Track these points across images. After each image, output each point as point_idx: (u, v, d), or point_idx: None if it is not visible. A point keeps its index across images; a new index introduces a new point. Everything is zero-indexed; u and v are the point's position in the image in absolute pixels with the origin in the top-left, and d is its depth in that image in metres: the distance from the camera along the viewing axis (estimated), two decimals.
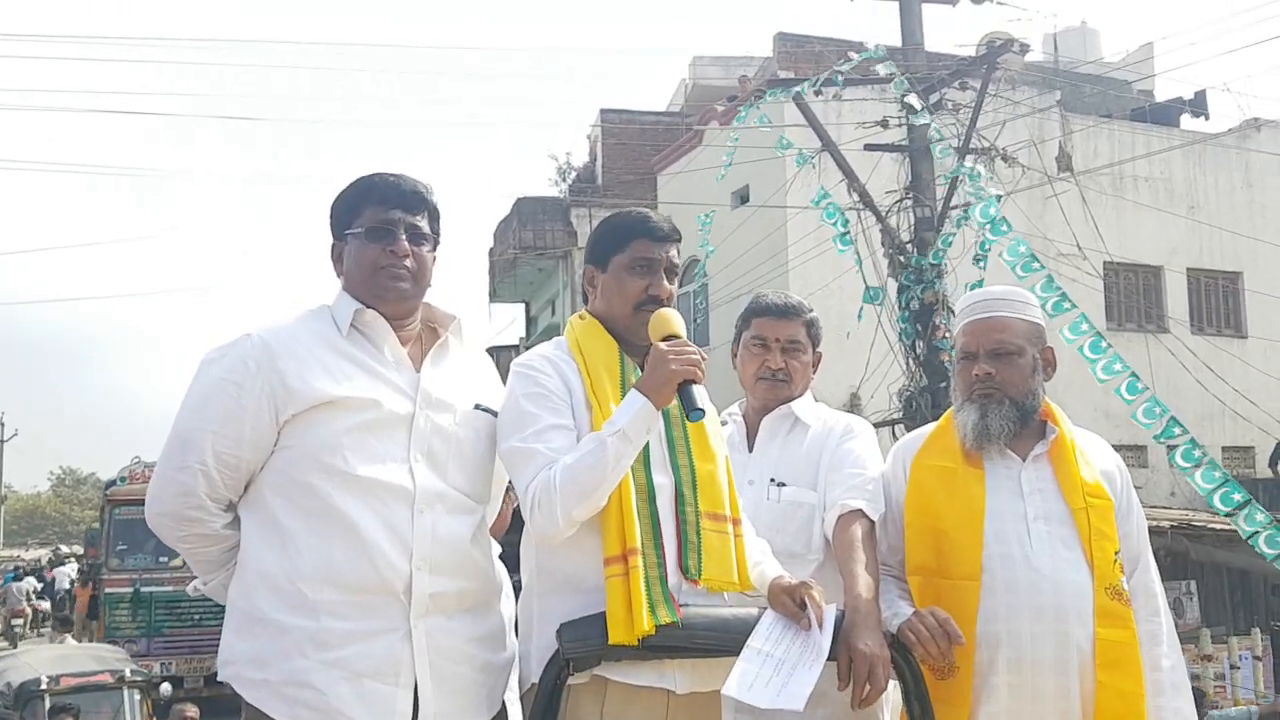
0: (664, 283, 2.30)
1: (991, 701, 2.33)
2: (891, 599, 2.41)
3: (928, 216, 10.36)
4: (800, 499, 2.61)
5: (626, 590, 2.06)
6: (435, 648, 2.12)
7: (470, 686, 2.19)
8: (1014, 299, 2.60)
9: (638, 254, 2.31)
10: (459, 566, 2.17)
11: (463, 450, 2.24)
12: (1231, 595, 10.25)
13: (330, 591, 2.07)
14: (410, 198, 2.26)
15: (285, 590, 2.08)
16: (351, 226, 2.25)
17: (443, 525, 2.16)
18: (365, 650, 2.07)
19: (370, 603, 2.08)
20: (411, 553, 2.11)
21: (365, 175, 2.30)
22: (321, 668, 2.05)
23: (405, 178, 2.29)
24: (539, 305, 23.96)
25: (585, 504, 2.08)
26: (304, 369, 2.14)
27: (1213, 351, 14.08)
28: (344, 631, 2.06)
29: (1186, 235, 16.37)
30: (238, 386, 2.13)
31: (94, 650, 10.94)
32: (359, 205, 2.25)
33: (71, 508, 56.65)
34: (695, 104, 19.43)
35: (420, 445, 2.18)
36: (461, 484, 2.22)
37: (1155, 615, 2.49)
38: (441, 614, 2.14)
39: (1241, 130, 17.08)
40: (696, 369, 2.12)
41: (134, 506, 13.91)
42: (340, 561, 2.07)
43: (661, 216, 2.38)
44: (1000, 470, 2.48)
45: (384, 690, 2.07)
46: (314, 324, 2.23)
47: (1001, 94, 11.31)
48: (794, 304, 2.81)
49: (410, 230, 2.24)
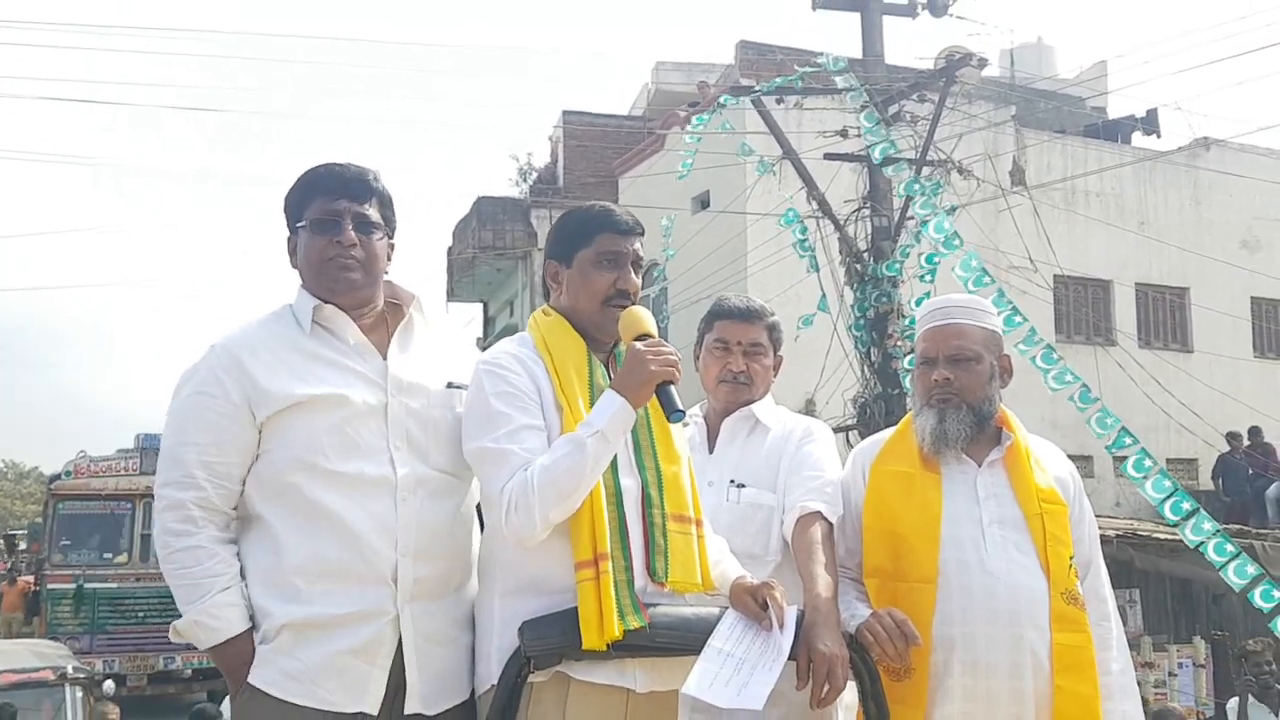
0: (631, 276, 2.30)
1: (946, 703, 2.36)
2: (849, 601, 2.43)
3: (885, 226, 10.47)
4: (760, 501, 2.63)
5: (598, 595, 2.06)
6: (420, 631, 2.16)
7: (453, 666, 2.22)
8: (973, 307, 2.65)
9: (604, 248, 2.30)
10: (442, 550, 2.21)
11: (439, 430, 2.25)
12: (1174, 604, 10.43)
13: (322, 581, 2.12)
14: (355, 185, 2.26)
15: (278, 584, 2.14)
16: (301, 219, 2.26)
17: (426, 511, 2.19)
18: (351, 632, 2.11)
19: (359, 590, 2.12)
20: (397, 540, 2.14)
21: (314, 167, 2.30)
22: (306, 643, 2.11)
23: (350, 166, 2.29)
24: (497, 305, 23.86)
25: (562, 506, 2.08)
26: (272, 372, 2.16)
27: (1159, 365, 14.36)
28: (335, 616, 2.11)
29: (1136, 250, 16.69)
30: (211, 398, 2.17)
31: (35, 646, 10.71)
32: (306, 198, 2.26)
33: (14, 502, 55.45)
34: (657, 108, 19.49)
35: (398, 433, 2.20)
36: (444, 464, 2.24)
37: (1105, 620, 2.54)
38: (427, 598, 2.18)
39: (1191, 149, 17.45)
40: (674, 369, 2.13)
41: (79, 501, 13.69)
42: (327, 554, 2.12)
43: (624, 209, 2.38)
44: (956, 475, 2.52)
45: (360, 668, 2.12)
46: (275, 326, 2.25)
47: (959, 108, 11.45)
48: (756, 308, 2.83)
49: (357, 219, 2.24)
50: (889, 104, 10.52)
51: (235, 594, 2.16)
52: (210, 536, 2.16)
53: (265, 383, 2.15)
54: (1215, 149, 17.44)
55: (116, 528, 13.76)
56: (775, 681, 2.09)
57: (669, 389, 2.13)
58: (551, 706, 2.12)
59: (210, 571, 2.15)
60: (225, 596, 2.14)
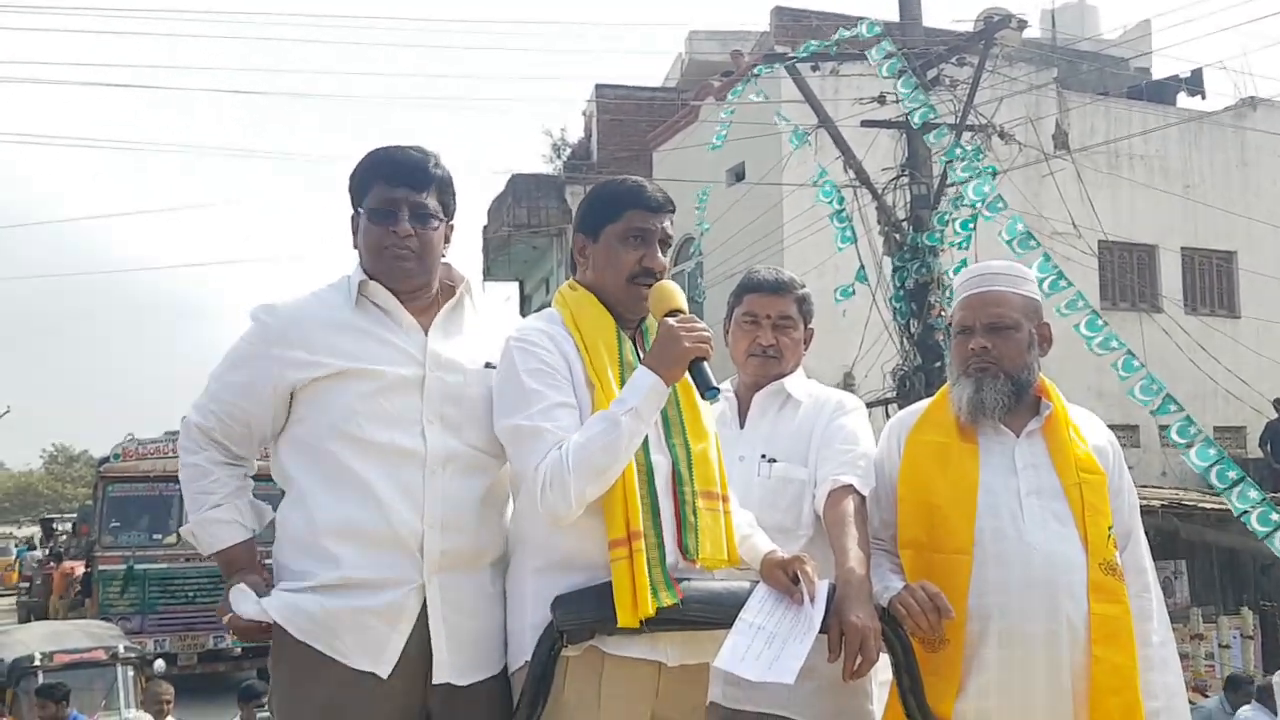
0: (658, 255, 2.28)
1: (981, 673, 2.34)
2: (883, 573, 2.41)
3: (924, 194, 10.33)
4: (791, 475, 2.61)
5: (631, 573, 2.06)
6: (449, 602, 2.19)
7: (484, 639, 2.24)
8: (1011, 274, 2.59)
9: (632, 224, 2.28)
10: (470, 524, 2.23)
11: (476, 409, 2.26)
12: (1221, 575, 10.30)
13: (350, 544, 2.17)
14: (416, 174, 2.29)
15: (308, 544, 2.20)
16: (362, 202, 2.31)
17: (454, 485, 2.21)
18: (376, 596, 2.16)
19: (387, 557, 2.17)
20: (424, 511, 2.18)
21: (377, 149, 2.34)
22: (331, 597, 2.16)
23: (411, 153, 2.31)
24: (533, 284, 23.92)
25: (598, 483, 2.08)
26: (311, 341, 2.23)
27: (1206, 331, 14.11)
28: (361, 579, 2.16)
29: (1181, 214, 16.36)
30: (250, 345, 2.28)
31: (87, 627, 10.95)
32: (367, 182, 2.31)
33: (64, 485, 56.63)
34: (691, 79, 19.34)
35: (433, 408, 2.23)
36: (478, 441, 2.26)
37: (1145, 591, 2.49)
38: (457, 570, 2.21)
39: (1237, 109, 17.07)
40: (708, 345, 2.12)
41: (128, 484, 13.94)
42: (358, 518, 2.17)
43: (655, 186, 2.35)
44: (994, 445, 2.48)
45: (380, 629, 2.16)
46: (328, 295, 2.32)
47: (999, 70, 11.24)
48: (785, 280, 2.79)
49: (414, 209, 2.28)
50: (927, 68, 10.36)
51: (226, 510, 2.29)
52: (208, 458, 2.30)
53: (301, 353, 2.22)
54: (1262, 109, 17.04)
55: (165, 509, 14.01)
56: (806, 655, 2.08)
57: (703, 366, 2.12)
58: (586, 680, 2.12)
59: (205, 489, 2.29)
60: (215, 513, 2.29)
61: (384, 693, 2.15)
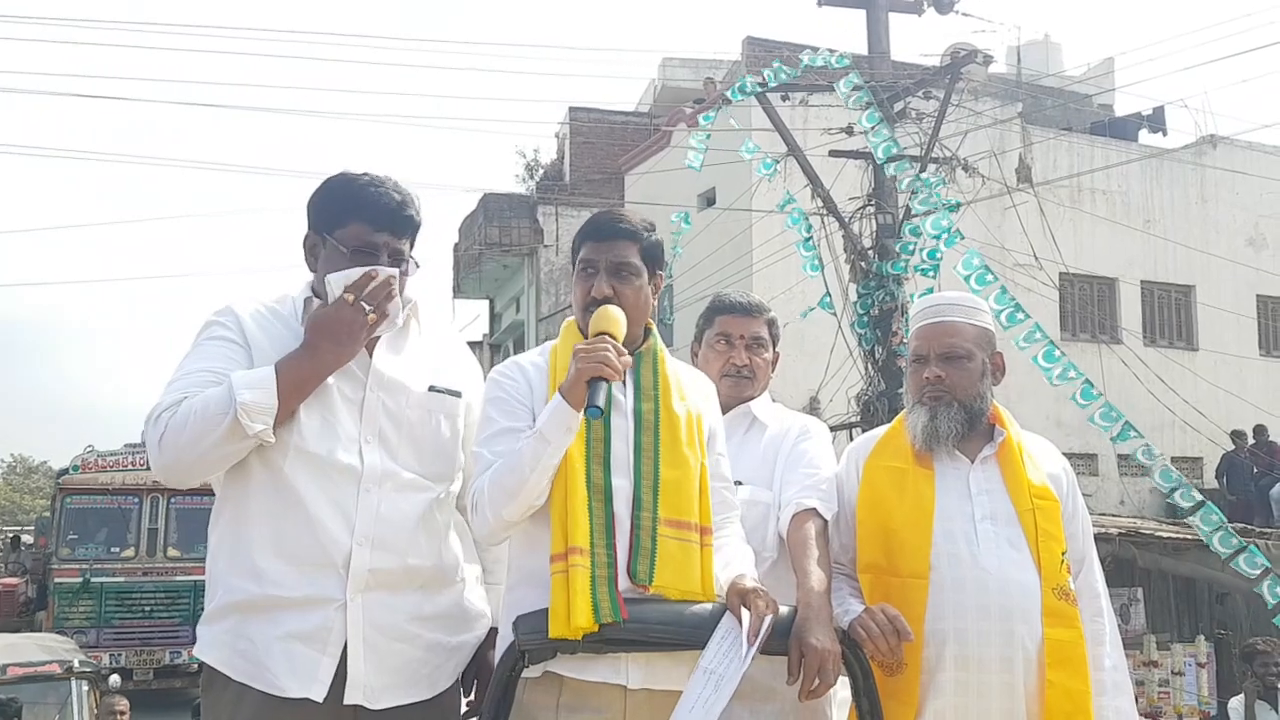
0: (601, 284, 2.28)
1: (938, 697, 2.37)
2: (843, 596, 2.45)
3: (889, 224, 10.47)
4: (756, 498, 2.64)
5: (567, 587, 2.08)
6: (371, 621, 2.17)
7: (410, 664, 2.22)
8: (964, 304, 2.65)
9: (584, 257, 2.34)
10: (404, 544, 2.21)
11: (414, 431, 2.27)
12: (1177, 603, 10.43)
13: (276, 561, 2.15)
14: (401, 222, 2.26)
15: (239, 555, 2.19)
16: (333, 233, 2.24)
17: (388, 503, 2.20)
18: (300, 617, 2.14)
19: (311, 574, 2.15)
20: (354, 528, 2.16)
21: (357, 181, 2.26)
22: (258, 625, 2.15)
23: (397, 196, 2.26)
24: (503, 302, 23.90)
25: (511, 505, 2.13)
26: (266, 345, 2.21)
27: (1164, 363, 14.36)
28: (284, 599, 2.14)
29: (1142, 248, 16.67)
30: (215, 337, 2.24)
31: (42, 640, 10.77)
32: (346, 215, 2.24)
33: (22, 496, 55.66)
34: (664, 105, 19.51)
35: (371, 426, 2.23)
36: (413, 464, 2.26)
37: (1099, 616, 2.55)
38: (384, 589, 2.19)
39: (1198, 146, 17.43)
40: (604, 365, 2.09)
41: (86, 495, 13.75)
42: (287, 532, 2.16)
43: (618, 214, 2.39)
44: (949, 471, 2.53)
45: (309, 655, 2.13)
46: (277, 308, 2.32)
47: (964, 104, 11.44)
48: (756, 302, 2.86)
49: (392, 254, 2.25)
50: (894, 100, 10.52)
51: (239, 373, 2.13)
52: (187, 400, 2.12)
53: (257, 355, 2.20)
54: (1222, 146, 17.42)
55: (124, 522, 13.83)
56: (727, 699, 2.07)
57: (597, 385, 2.10)
58: (545, 701, 2.14)
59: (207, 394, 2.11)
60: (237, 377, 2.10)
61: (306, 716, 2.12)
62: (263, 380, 2.10)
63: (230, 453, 2.11)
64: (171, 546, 13.85)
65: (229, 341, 2.22)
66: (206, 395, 2.09)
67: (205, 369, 2.17)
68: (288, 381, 2.12)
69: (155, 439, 2.10)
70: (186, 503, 13.25)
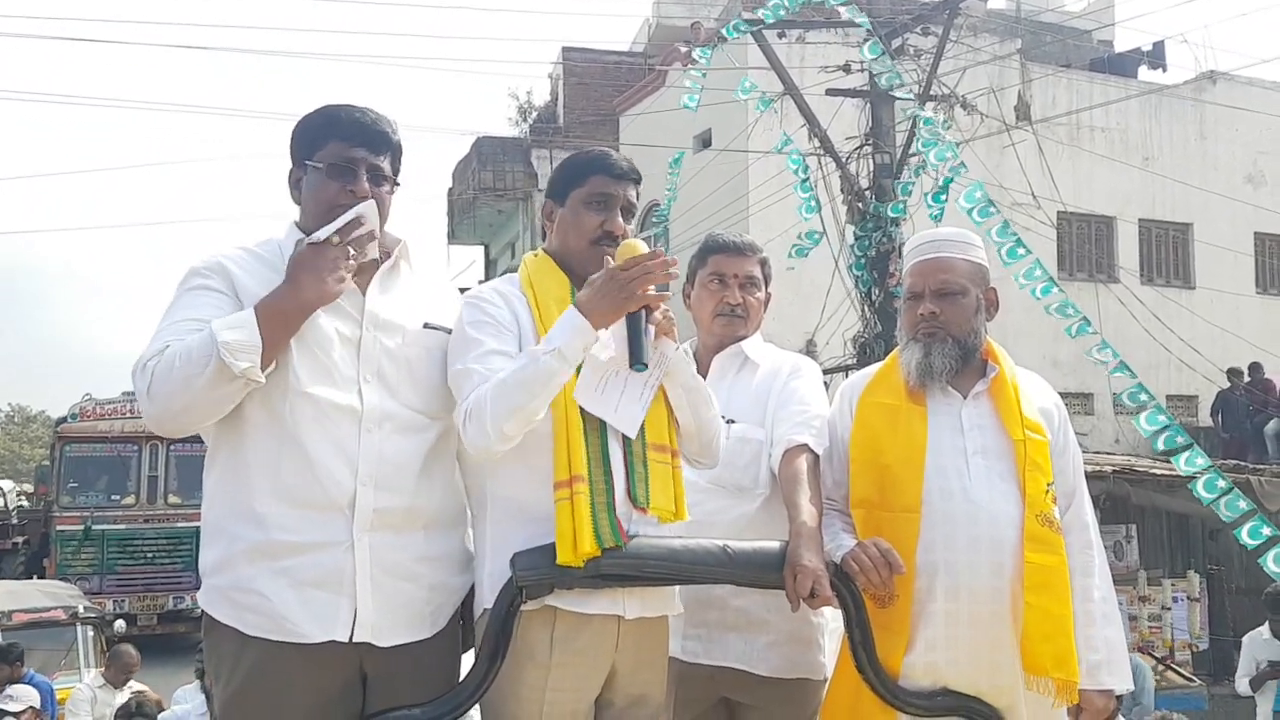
0: (618, 220, 2.33)
1: (929, 627, 2.41)
2: (835, 532, 2.48)
3: (887, 163, 10.40)
4: (749, 435, 2.66)
5: (572, 513, 2.11)
6: (378, 561, 2.16)
7: (413, 603, 2.22)
8: (959, 240, 2.65)
9: (595, 189, 2.34)
10: (407, 484, 2.20)
11: (413, 369, 2.26)
12: (1170, 539, 10.53)
13: (278, 505, 2.13)
14: (376, 137, 2.25)
15: (238, 502, 2.15)
16: (312, 158, 2.24)
17: (390, 444, 2.19)
18: (310, 561, 2.12)
19: (316, 517, 2.13)
20: (357, 469, 2.15)
21: (332, 106, 2.27)
22: (268, 575, 2.12)
23: (371, 114, 2.27)
24: (498, 247, 23.81)
25: (515, 419, 2.10)
26: (251, 292, 2.17)
27: (1161, 301, 14.37)
28: (290, 543, 2.12)
29: (1140, 186, 16.59)
30: (199, 287, 2.19)
31: (47, 587, 10.89)
32: (322, 138, 2.23)
33: (21, 445, 55.87)
34: (659, 43, 19.25)
35: (370, 366, 2.21)
36: (414, 402, 2.25)
37: (1088, 548, 2.57)
38: (389, 530, 2.18)
39: (1197, 83, 17.28)
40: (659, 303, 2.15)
41: (85, 444, 13.82)
42: (288, 476, 2.13)
43: (622, 157, 2.41)
44: (942, 407, 2.54)
45: (327, 598, 2.12)
46: (261, 252, 2.27)
47: (963, 41, 11.31)
48: (748, 242, 2.87)
49: (372, 171, 2.23)
50: (892, 37, 10.39)
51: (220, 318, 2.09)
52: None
53: (245, 297, 2.16)
54: (1221, 83, 17.26)
55: (124, 469, 13.92)
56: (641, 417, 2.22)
57: (643, 331, 2.13)
58: (540, 634, 2.17)
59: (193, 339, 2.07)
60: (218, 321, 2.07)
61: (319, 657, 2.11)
62: (243, 320, 2.07)
63: (220, 396, 2.08)
64: (172, 493, 13.96)
65: (212, 290, 2.19)
66: (189, 341, 2.07)
67: (188, 318, 2.14)
68: (269, 318, 2.08)
69: (144, 388, 2.08)
70: (186, 449, 13.31)
